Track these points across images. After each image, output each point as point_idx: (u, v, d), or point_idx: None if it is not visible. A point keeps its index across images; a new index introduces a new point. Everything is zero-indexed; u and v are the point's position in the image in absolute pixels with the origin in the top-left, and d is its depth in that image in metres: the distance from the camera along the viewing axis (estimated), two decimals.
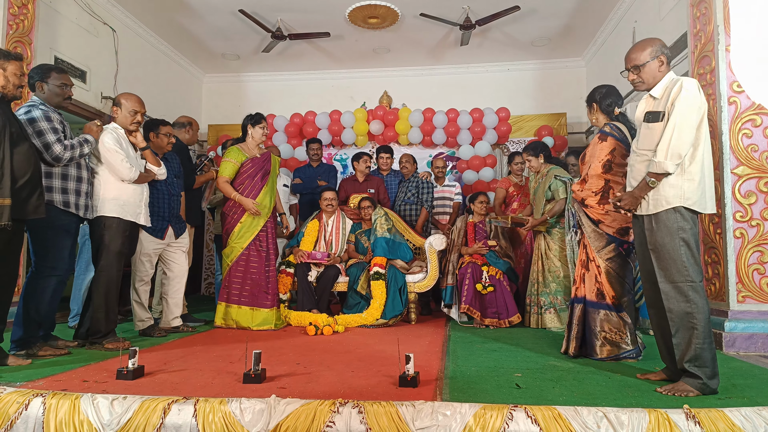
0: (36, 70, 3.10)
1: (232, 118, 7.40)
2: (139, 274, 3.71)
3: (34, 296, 2.95)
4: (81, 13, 5.10)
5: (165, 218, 3.76)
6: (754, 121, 3.41)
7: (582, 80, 6.87)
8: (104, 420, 1.91)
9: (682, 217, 2.30)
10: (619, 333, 2.97)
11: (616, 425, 1.78)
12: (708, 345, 2.23)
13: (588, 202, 3.05)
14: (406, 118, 6.64)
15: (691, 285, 2.26)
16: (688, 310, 2.25)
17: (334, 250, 4.77)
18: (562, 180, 3.99)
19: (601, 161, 2.99)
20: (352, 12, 5.58)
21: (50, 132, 2.91)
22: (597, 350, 2.98)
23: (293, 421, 1.84)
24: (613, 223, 2.96)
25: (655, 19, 4.85)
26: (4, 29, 3.93)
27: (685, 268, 2.27)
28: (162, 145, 3.83)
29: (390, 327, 4.21)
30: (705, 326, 2.24)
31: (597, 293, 3.02)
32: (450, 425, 1.80)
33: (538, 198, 4.22)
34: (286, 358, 2.92)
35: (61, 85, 3.10)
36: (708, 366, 2.22)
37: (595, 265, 3.03)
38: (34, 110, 2.95)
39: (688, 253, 2.28)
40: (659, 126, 2.33)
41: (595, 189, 3.02)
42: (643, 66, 2.41)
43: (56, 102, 3.09)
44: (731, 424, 1.80)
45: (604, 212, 2.98)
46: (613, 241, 2.96)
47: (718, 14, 3.48)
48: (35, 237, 3.00)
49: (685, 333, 2.27)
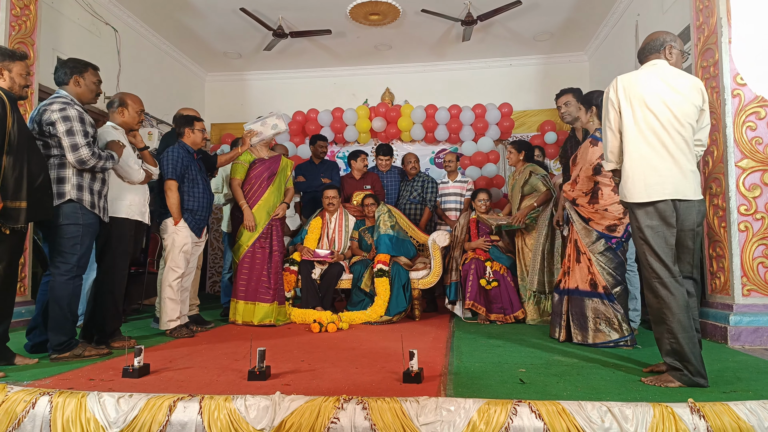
0: (70, 64, 3.00)
1: (235, 117, 7.41)
2: (178, 270, 3.64)
3: (68, 298, 2.83)
4: (83, 14, 5.12)
5: (204, 218, 3.84)
6: (758, 113, 3.39)
7: (585, 75, 6.85)
8: (110, 418, 1.92)
9: (634, 216, 2.38)
10: (610, 320, 3.18)
11: (620, 419, 1.78)
12: (686, 341, 2.22)
13: (579, 201, 3.33)
14: (408, 114, 6.63)
15: (658, 281, 2.28)
16: (657, 306, 2.29)
17: (338, 247, 4.78)
18: (537, 176, 4.29)
19: (592, 165, 3.26)
20: (353, 9, 5.57)
21: (81, 134, 2.81)
22: (590, 336, 3.22)
23: (298, 417, 1.85)
24: (602, 221, 3.23)
25: (657, 12, 4.83)
26: (7, 30, 3.94)
27: (648, 264, 2.31)
28: (197, 140, 3.86)
29: (394, 324, 4.22)
30: (677, 322, 2.23)
31: (590, 283, 3.26)
32: (454, 421, 1.81)
33: (514, 194, 4.43)
34: (291, 356, 2.93)
35: (97, 83, 3.07)
36: (689, 362, 2.21)
37: (586, 258, 3.29)
38: (69, 108, 2.83)
39: (649, 250, 2.31)
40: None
41: (585, 190, 3.30)
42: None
43: (89, 99, 3.04)
44: (736, 417, 1.79)
45: (594, 211, 3.26)
46: (602, 237, 3.23)
47: (721, 6, 3.46)
48: (62, 237, 2.84)
49: (658, 327, 2.32)
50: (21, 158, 2.58)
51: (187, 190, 3.73)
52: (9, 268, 2.67)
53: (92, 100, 3.09)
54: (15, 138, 2.57)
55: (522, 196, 4.39)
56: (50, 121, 2.79)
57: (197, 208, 3.77)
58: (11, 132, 2.56)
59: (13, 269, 2.73)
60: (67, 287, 2.84)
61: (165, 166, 3.65)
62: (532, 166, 4.40)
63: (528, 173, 4.33)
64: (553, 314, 3.52)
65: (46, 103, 2.87)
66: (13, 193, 2.54)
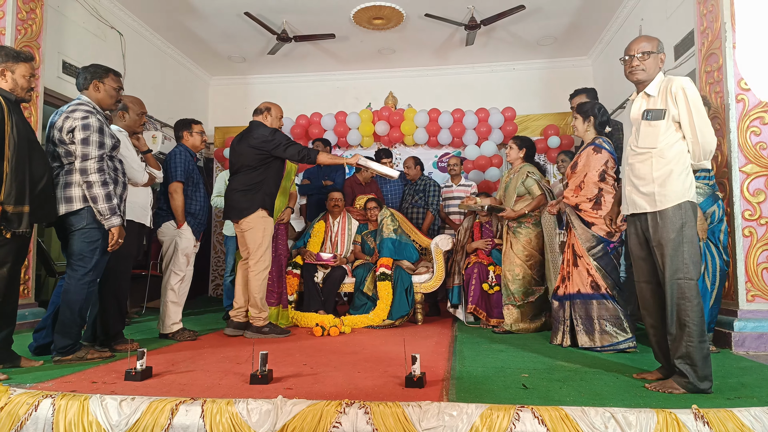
0: (91, 69, 2.97)
1: (239, 120, 7.42)
2: (180, 273, 3.68)
3: (81, 302, 2.82)
4: (88, 18, 5.15)
5: (203, 221, 3.86)
6: (762, 118, 3.38)
7: (588, 79, 6.84)
8: (113, 421, 1.92)
9: (685, 212, 2.30)
10: (616, 321, 3.22)
11: (624, 426, 1.77)
12: (698, 344, 2.21)
13: (582, 207, 3.37)
14: (411, 118, 6.64)
15: (688, 282, 2.26)
16: (683, 307, 2.26)
17: (340, 251, 4.78)
18: (534, 178, 4.10)
19: (598, 171, 3.34)
20: (357, 13, 5.59)
21: (96, 146, 2.78)
22: (597, 339, 3.23)
23: (300, 421, 1.85)
24: (603, 227, 3.25)
25: (662, 16, 4.82)
26: (13, 34, 3.97)
27: (686, 264, 2.27)
28: (197, 143, 3.89)
29: (396, 328, 4.21)
30: (697, 325, 2.23)
31: (592, 285, 3.31)
32: (456, 426, 1.80)
33: (509, 193, 4.21)
34: (293, 359, 2.93)
35: (117, 89, 3.04)
36: (698, 365, 2.20)
37: (584, 262, 3.33)
38: (91, 117, 2.80)
39: (691, 249, 2.28)
40: (661, 123, 2.34)
41: (590, 196, 3.35)
42: (649, 54, 2.40)
43: (108, 104, 3.01)
44: (740, 424, 1.78)
45: (597, 216, 3.30)
46: (602, 241, 3.29)
47: (725, 11, 3.45)
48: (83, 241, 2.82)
49: (677, 330, 2.27)
50: (23, 162, 2.57)
51: (190, 194, 3.74)
52: (12, 272, 2.67)
53: (112, 106, 3.06)
54: (16, 142, 2.55)
55: (518, 196, 4.19)
56: (72, 128, 2.77)
57: (198, 211, 3.78)
58: (11, 136, 2.54)
59: (15, 273, 2.72)
60: (82, 291, 2.81)
61: (173, 168, 3.65)
62: (530, 167, 4.21)
63: (525, 174, 4.15)
64: (554, 321, 3.50)
65: (69, 110, 2.83)
66: (15, 198, 2.53)
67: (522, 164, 4.25)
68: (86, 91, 2.96)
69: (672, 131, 2.33)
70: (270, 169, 3.77)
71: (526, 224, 4.09)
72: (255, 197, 3.68)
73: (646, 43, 2.43)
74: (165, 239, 3.70)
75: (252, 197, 3.68)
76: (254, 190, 3.69)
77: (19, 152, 2.56)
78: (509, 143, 4.37)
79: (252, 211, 3.66)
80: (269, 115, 3.86)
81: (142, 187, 3.41)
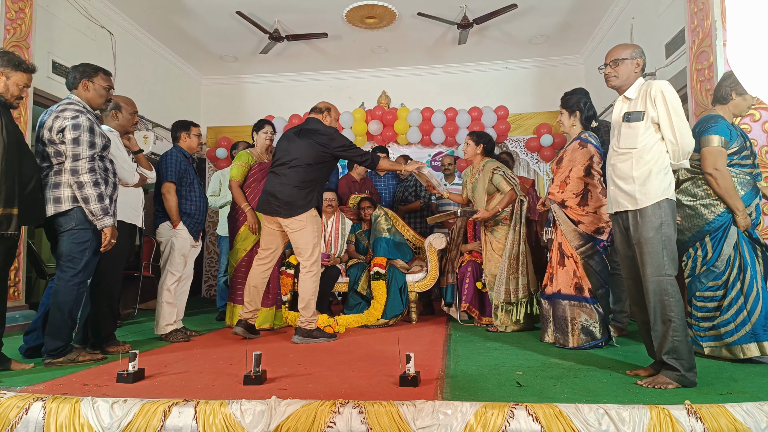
0: (80, 68, 2.94)
1: (231, 120, 7.41)
2: (176, 273, 3.66)
3: (71, 304, 2.80)
4: (78, 17, 5.11)
5: (201, 221, 3.85)
6: (753, 116, 3.40)
7: (581, 77, 6.87)
8: (105, 423, 1.90)
9: (664, 211, 2.36)
10: (592, 324, 3.21)
11: (617, 422, 1.78)
12: (683, 338, 2.29)
13: (568, 203, 3.32)
14: (404, 117, 6.64)
15: (668, 279, 2.32)
16: (666, 303, 2.32)
17: (334, 250, 4.77)
18: (500, 174, 3.98)
19: (584, 165, 3.30)
20: (350, 12, 5.58)
21: (87, 146, 2.75)
22: (570, 339, 3.23)
23: (294, 422, 1.84)
24: (591, 224, 3.24)
25: (652, 15, 4.85)
26: (2, 34, 3.94)
27: (665, 261, 2.33)
28: (193, 145, 3.89)
29: (391, 327, 4.21)
30: (681, 319, 2.30)
31: (575, 287, 3.28)
32: (451, 424, 1.80)
33: (478, 194, 4.07)
34: (287, 359, 2.91)
35: (107, 88, 3.01)
36: (684, 358, 2.27)
37: (572, 261, 3.29)
38: (81, 117, 2.78)
39: (669, 246, 2.35)
40: (640, 125, 2.42)
41: (576, 191, 3.31)
42: (621, 61, 2.51)
43: (98, 104, 2.98)
44: (733, 419, 1.79)
45: (584, 213, 3.27)
46: (591, 239, 3.25)
47: (715, 9, 3.47)
48: (73, 242, 2.79)
49: (662, 326, 2.33)
50: (12, 164, 2.55)
51: (185, 194, 3.72)
52: (0, 274, 2.65)
53: (102, 106, 3.03)
54: (5, 144, 2.53)
55: (488, 195, 4.05)
56: (61, 128, 2.74)
57: (194, 211, 3.76)
58: (1, 138, 2.52)
59: (4, 275, 2.70)
60: (72, 293, 2.79)
61: (165, 169, 3.65)
62: (494, 163, 4.06)
63: (491, 171, 4.01)
64: (543, 319, 3.49)
65: (58, 110, 2.80)
66: (4, 200, 2.51)
67: (484, 161, 4.10)
68: (76, 90, 2.93)
69: (651, 132, 2.41)
70: (324, 167, 3.66)
71: (504, 222, 4.00)
72: (311, 195, 3.55)
73: (618, 50, 2.55)
74: (162, 240, 3.69)
75: (308, 194, 3.54)
76: (310, 187, 3.55)
77: (9, 154, 2.54)
78: (465, 139, 4.22)
79: (307, 208, 3.52)
80: (329, 116, 3.72)
81: (133, 187, 3.39)
